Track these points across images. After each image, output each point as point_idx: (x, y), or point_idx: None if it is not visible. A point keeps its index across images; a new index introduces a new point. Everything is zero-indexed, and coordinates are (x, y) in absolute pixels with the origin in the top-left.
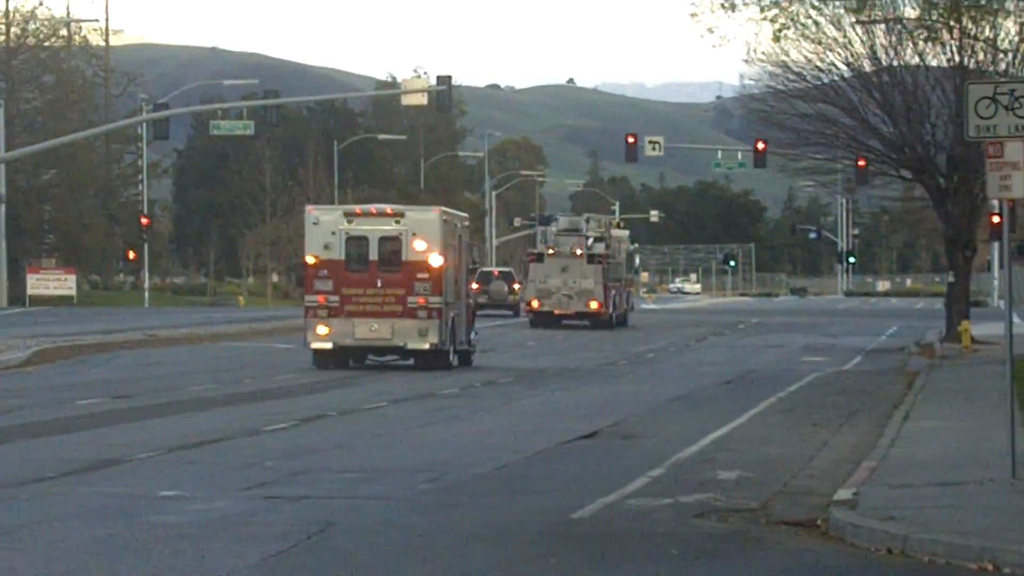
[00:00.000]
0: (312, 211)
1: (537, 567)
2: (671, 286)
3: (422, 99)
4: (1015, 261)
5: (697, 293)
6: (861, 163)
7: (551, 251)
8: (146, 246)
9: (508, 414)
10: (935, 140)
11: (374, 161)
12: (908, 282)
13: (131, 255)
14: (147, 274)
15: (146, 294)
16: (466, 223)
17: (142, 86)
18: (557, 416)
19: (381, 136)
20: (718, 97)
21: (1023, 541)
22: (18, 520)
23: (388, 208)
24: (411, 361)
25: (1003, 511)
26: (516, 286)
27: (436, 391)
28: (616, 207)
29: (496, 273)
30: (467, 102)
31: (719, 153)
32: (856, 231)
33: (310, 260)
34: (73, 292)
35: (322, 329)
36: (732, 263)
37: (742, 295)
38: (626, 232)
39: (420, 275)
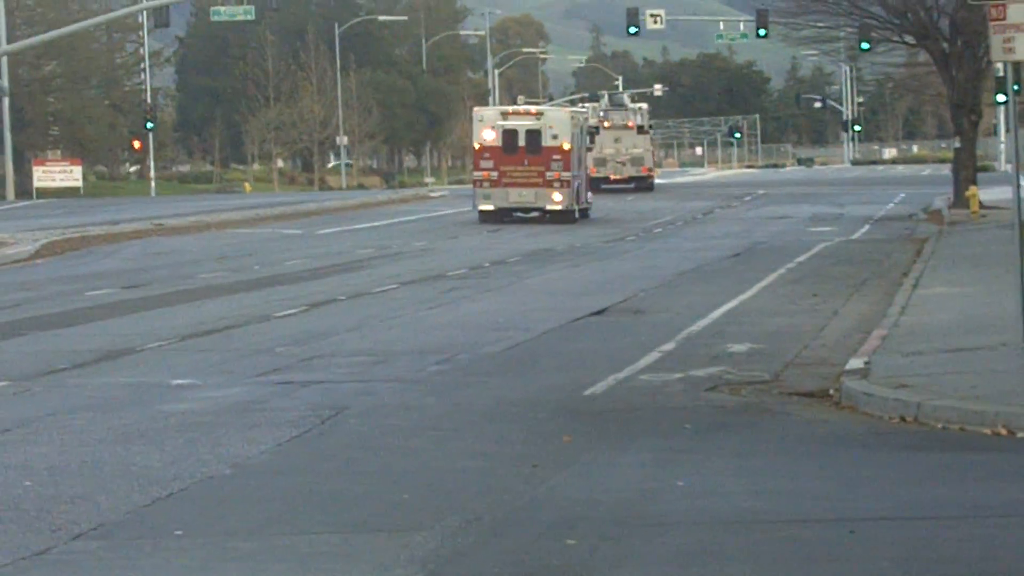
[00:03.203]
0: (478, 111)
1: (551, 444)
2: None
3: None
4: (1021, 125)
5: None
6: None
7: (607, 124)
8: (151, 135)
9: (517, 293)
10: (937, 4)
11: (375, 43)
12: (914, 149)
13: (136, 145)
14: (152, 163)
15: (152, 183)
16: (586, 116)
17: None
18: (566, 294)
19: (382, 18)
20: None
21: None
22: (32, 412)
23: (532, 109)
24: (547, 216)
25: (1016, 375)
26: None
27: (446, 272)
28: (619, 82)
29: None
30: None
31: (721, 24)
32: (861, 99)
33: (476, 146)
34: (79, 183)
35: (486, 195)
36: (737, 135)
37: (748, 167)
38: (646, 105)
39: (554, 157)
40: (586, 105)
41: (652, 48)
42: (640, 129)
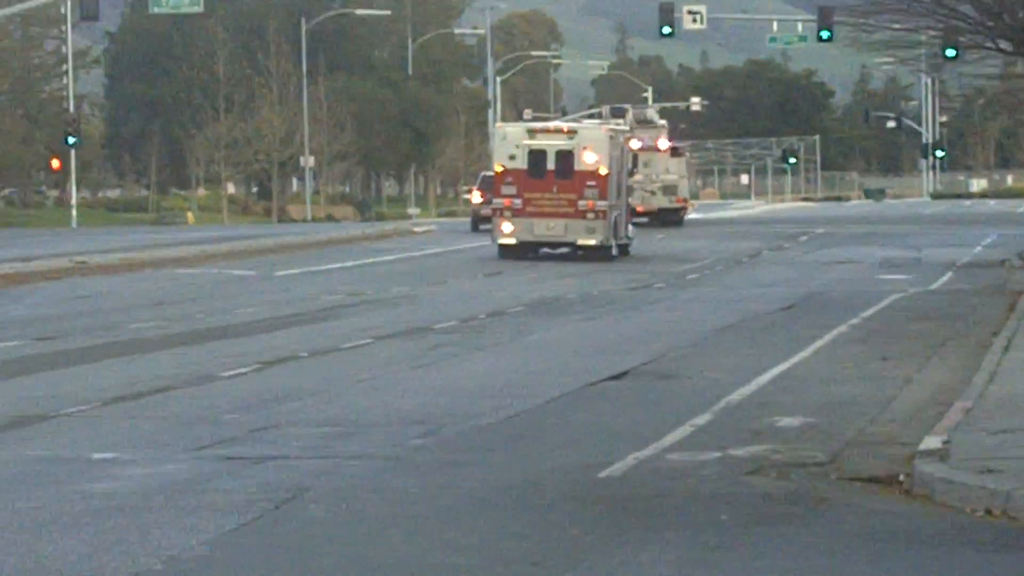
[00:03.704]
0: (501, 127)
1: (555, 538)
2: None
3: None
4: None
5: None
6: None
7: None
8: (73, 152)
9: (518, 351)
10: None
11: (350, 42)
12: (1009, 180)
13: (55, 164)
14: (75, 187)
15: (73, 211)
16: (627, 134)
17: None
18: (579, 353)
19: (359, 11)
20: None
21: None
22: None
23: (563, 126)
24: (579, 253)
25: None
26: None
27: (431, 324)
28: (649, 93)
29: None
30: None
31: (775, 24)
32: (944, 119)
33: (498, 169)
34: None
35: (507, 227)
36: (792, 161)
37: (805, 200)
38: (664, 121)
39: (589, 182)
40: (615, 122)
41: (689, 53)
42: (675, 151)
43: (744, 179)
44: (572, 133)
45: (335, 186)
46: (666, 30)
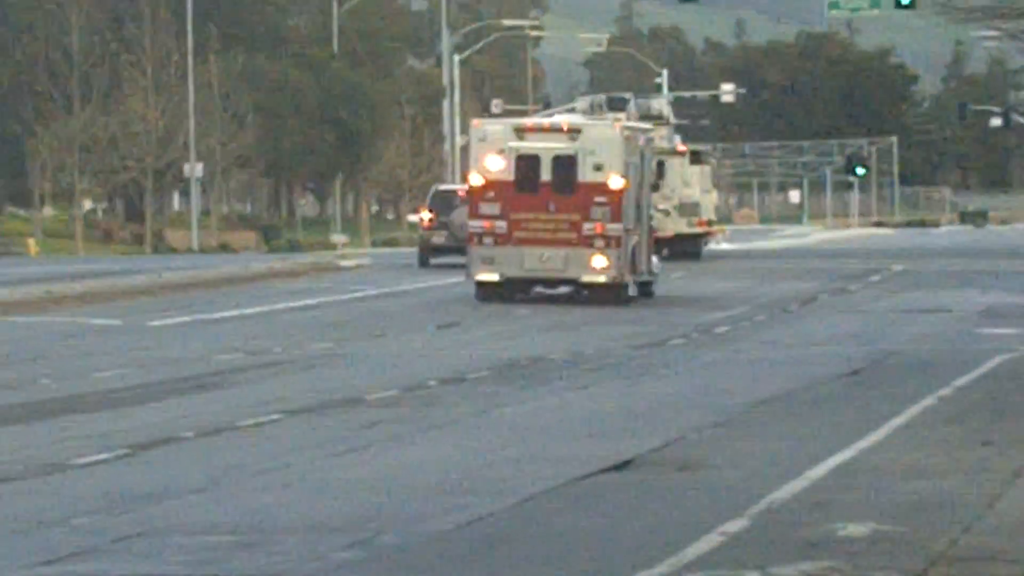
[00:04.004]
0: (478, 125)
1: None
2: None
3: None
4: None
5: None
6: None
7: None
8: None
9: (483, 432)
10: None
11: (254, 6)
12: None
13: None
14: None
15: None
16: (650, 134)
17: None
18: (566, 434)
19: None
20: None
21: None
22: None
23: (563, 123)
24: (584, 294)
25: None
26: None
27: (363, 394)
28: (663, 77)
29: (462, 194)
30: None
31: None
32: None
33: (476, 181)
34: None
35: (488, 258)
36: (861, 171)
37: (877, 225)
38: (667, 109)
39: (597, 199)
40: (610, 116)
41: (720, 23)
42: (695, 157)
43: (794, 196)
44: (575, 132)
45: (232, 204)
46: None
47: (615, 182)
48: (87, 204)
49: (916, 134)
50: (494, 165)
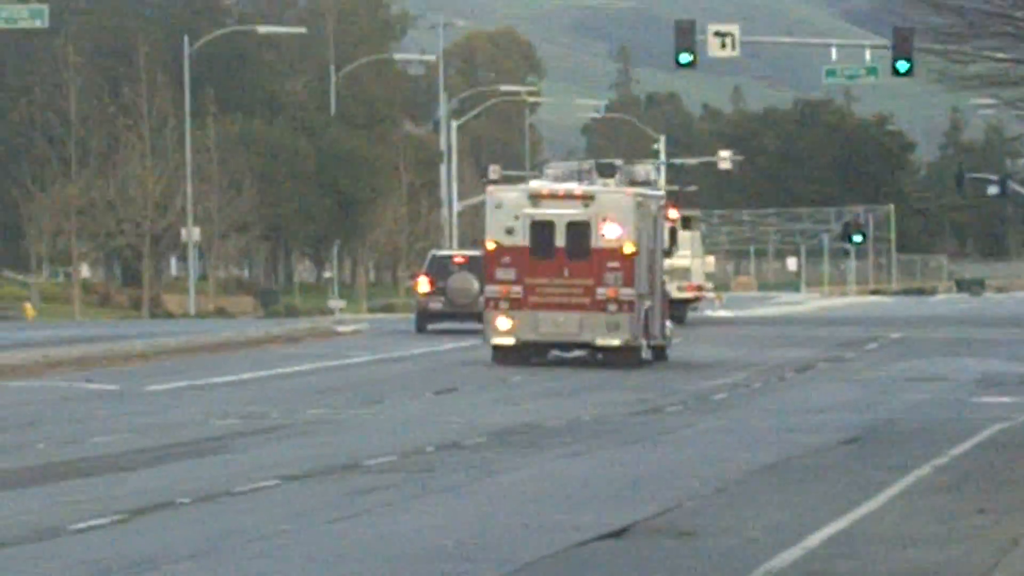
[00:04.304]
0: (494, 192)
1: None
2: None
3: None
4: None
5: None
6: None
7: None
8: None
9: (479, 498)
10: None
11: (251, 70)
12: None
13: None
14: None
15: None
16: (662, 202)
17: None
18: (562, 501)
19: (262, 29)
20: None
21: None
22: None
23: (577, 190)
24: (599, 357)
25: None
26: None
27: (360, 460)
28: (660, 144)
29: (459, 260)
30: None
31: (833, 52)
32: None
33: (490, 246)
34: None
35: (503, 323)
36: (858, 238)
37: (875, 292)
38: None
39: (610, 264)
40: (599, 182)
41: (718, 89)
42: (686, 222)
43: (791, 263)
44: (588, 199)
45: (229, 269)
46: (685, 58)
47: (628, 248)
48: (84, 269)
49: (913, 201)
50: (510, 230)
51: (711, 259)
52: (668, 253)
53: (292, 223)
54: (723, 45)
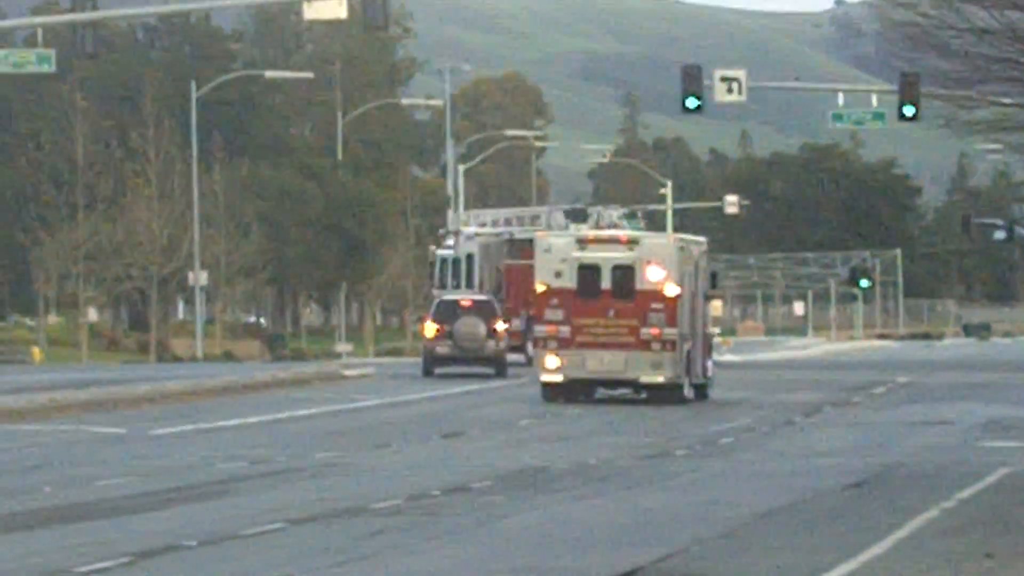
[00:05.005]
0: (543, 237)
1: None
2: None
3: (340, 9)
4: None
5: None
6: None
7: None
8: None
9: (486, 542)
10: None
11: (258, 115)
12: None
13: None
14: None
15: None
16: (704, 248)
17: None
18: (568, 545)
19: (269, 73)
20: (837, 3)
21: None
22: None
23: (621, 235)
24: (643, 395)
25: None
26: (500, 325)
27: (367, 503)
28: (668, 189)
29: (465, 304)
30: (417, 14)
31: (840, 97)
32: None
33: (540, 288)
34: None
35: (552, 361)
36: (865, 283)
37: (882, 337)
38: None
39: (654, 305)
40: (571, 227)
41: (725, 134)
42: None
43: (799, 308)
44: (632, 243)
45: (236, 313)
46: (692, 103)
47: (671, 290)
48: (91, 313)
49: (920, 246)
50: (558, 274)
51: (718, 303)
52: (709, 297)
53: (299, 267)
54: (730, 90)
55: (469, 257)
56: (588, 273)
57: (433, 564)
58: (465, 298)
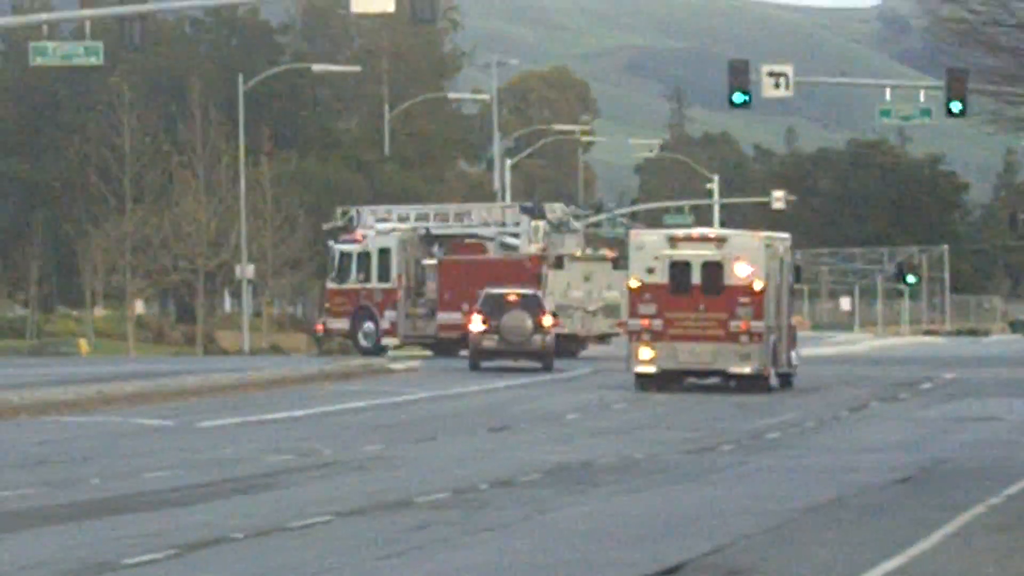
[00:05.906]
0: (637, 235)
1: None
2: None
3: (387, 3)
4: None
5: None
6: None
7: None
8: None
9: (534, 535)
10: None
11: (305, 109)
12: None
13: None
14: None
15: None
16: (788, 244)
17: None
18: (616, 539)
19: (316, 67)
20: None
21: None
22: None
23: (711, 233)
24: (732, 384)
25: None
26: (547, 319)
27: (414, 496)
28: (714, 184)
29: (512, 298)
30: (464, 8)
31: (887, 92)
32: None
33: (634, 284)
34: None
35: (646, 353)
36: (912, 279)
37: (928, 333)
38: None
39: (742, 299)
40: (525, 221)
41: (771, 129)
42: (616, 263)
43: (845, 303)
44: (721, 242)
45: (283, 306)
46: (739, 98)
47: (757, 284)
48: (139, 305)
49: (967, 242)
50: (650, 270)
51: None
52: (793, 290)
53: None
54: (777, 85)
55: (383, 252)
56: (679, 269)
57: (480, 557)
58: (512, 292)
